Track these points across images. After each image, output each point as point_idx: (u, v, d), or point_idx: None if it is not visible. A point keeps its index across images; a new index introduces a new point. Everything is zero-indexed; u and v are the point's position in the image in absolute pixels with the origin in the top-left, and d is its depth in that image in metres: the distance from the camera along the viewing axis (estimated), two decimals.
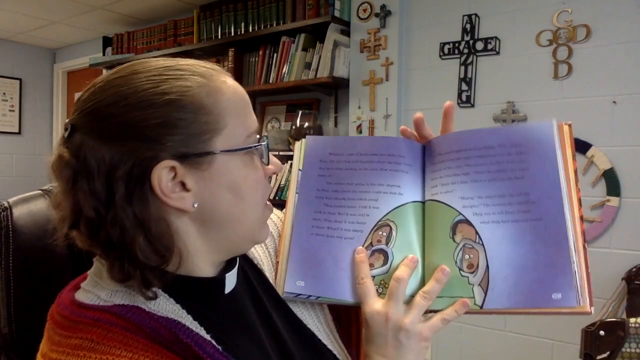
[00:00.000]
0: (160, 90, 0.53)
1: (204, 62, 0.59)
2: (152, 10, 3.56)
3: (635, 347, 1.45)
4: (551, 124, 0.63)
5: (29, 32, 4.13)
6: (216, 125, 0.55)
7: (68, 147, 0.54)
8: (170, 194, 0.53)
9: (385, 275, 0.65)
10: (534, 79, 2.24)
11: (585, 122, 2.11)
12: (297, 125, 2.73)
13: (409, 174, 0.68)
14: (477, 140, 0.65)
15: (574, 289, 0.58)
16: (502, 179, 0.63)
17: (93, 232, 0.53)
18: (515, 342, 2.23)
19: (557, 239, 0.60)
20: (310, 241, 0.67)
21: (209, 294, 0.60)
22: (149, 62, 0.57)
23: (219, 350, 0.53)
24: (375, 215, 0.67)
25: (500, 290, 0.60)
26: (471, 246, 0.63)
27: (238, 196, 0.58)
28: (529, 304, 0.59)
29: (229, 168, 0.56)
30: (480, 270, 0.62)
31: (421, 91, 2.55)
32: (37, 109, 4.61)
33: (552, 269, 0.59)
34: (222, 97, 0.56)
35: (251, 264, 0.70)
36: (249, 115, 0.60)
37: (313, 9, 2.75)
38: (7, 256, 0.66)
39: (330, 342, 0.68)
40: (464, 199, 0.64)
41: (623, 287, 1.96)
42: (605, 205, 2.07)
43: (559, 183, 0.61)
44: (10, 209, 0.69)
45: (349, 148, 0.69)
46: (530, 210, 0.61)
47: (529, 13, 2.25)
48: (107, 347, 0.50)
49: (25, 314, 0.67)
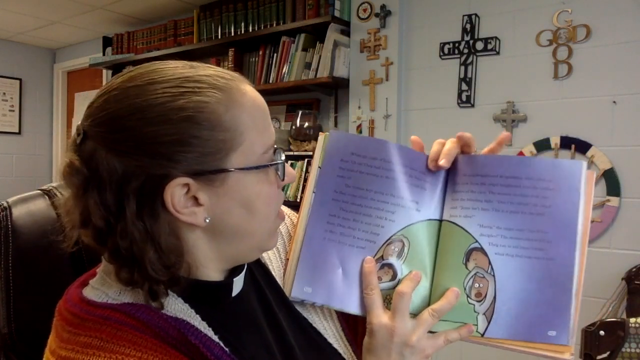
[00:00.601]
0: (177, 105, 0.51)
1: (223, 72, 0.57)
2: (152, 10, 3.56)
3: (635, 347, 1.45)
4: (581, 165, 0.64)
5: (29, 32, 4.13)
6: (233, 143, 0.54)
7: (79, 154, 0.52)
8: (182, 210, 0.53)
9: (392, 291, 0.65)
10: (534, 79, 2.24)
11: (585, 122, 2.11)
12: (297, 125, 2.73)
13: (428, 190, 0.68)
14: (505, 168, 0.65)
15: (568, 330, 0.61)
16: (524, 213, 0.64)
17: (101, 240, 0.52)
18: None
19: (563, 280, 0.62)
20: (321, 246, 0.66)
21: (216, 297, 0.60)
22: (167, 70, 0.54)
23: (227, 352, 0.53)
24: (389, 228, 0.66)
25: (503, 322, 0.63)
26: (482, 276, 0.64)
27: (250, 212, 0.57)
28: (527, 337, 0.62)
29: (243, 185, 0.55)
30: (487, 300, 0.63)
31: (421, 91, 2.55)
32: (37, 109, 4.61)
33: (553, 309, 0.62)
34: (242, 112, 0.55)
35: (259, 263, 0.70)
36: (267, 129, 0.58)
37: (313, 9, 2.75)
38: (7, 256, 0.66)
39: (336, 341, 0.68)
40: (482, 227, 0.64)
41: (623, 287, 1.96)
42: (605, 205, 2.07)
43: (576, 227, 0.63)
44: (9, 208, 0.69)
45: (373, 151, 0.67)
46: (544, 249, 0.63)
47: (529, 13, 2.25)
48: (116, 345, 0.50)
49: (25, 314, 0.67)
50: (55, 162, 4.66)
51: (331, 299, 0.66)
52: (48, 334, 0.55)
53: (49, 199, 0.72)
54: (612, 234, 2.07)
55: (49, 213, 0.71)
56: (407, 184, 0.67)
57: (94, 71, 4.20)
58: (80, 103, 4.50)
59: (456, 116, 2.43)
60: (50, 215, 0.70)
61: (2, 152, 4.39)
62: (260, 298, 0.65)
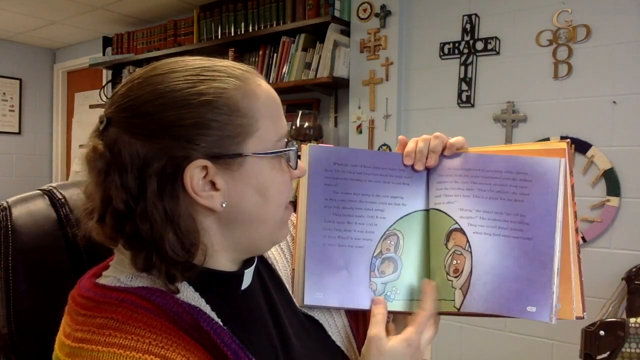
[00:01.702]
0: (197, 90, 0.54)
1: (239, 64, 0.60)
2: (152, 10, 3.56)
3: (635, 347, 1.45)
4: (559, 161, 0.66)
5: (29, 32, 4.13)
6: (249, 128, 0.56)
7: (102, 139, 0.55)
8: (201, 192, 0.55)
9: (396, 282, 0.70)
10: (534, 79, 2.24)
11: (585, 122, 2.11)
12: (297, 125, 2.73)
13: (410, 185, 0.72)
14: (487, 163, 0.69)
15: (549, 307, 0.62)
16: (502, 199, 0.67)
17: (119, 224, 0.54)
18: (515, 342, 2.23)
19: (543, 259, 0.64)
20: (324, 252, 0.70)
21: (227, 287, 0.61)
22: (186, 61, 0.58)
23: (235, 341, 0.54)
24: (382, 225, 0.71)
25: (477, 295, 0.65)
26: (460, 252, 0.67)
27: (264, 197, 0.59)
28: (503, 311, 0.64)
29: (258, 170, 0.58)
30: (463, 275, 0.66)
31: (421, 91, 2.55)
32: (37, 109, 4.60)
33: (532, 285, 0.63)
34: (257, 101, 0.58)
35: (265, 264, 0.72)
36: (280, 119, 0.61)
37: (313, 9, 2.75)
38: (7, 256, 0.66)
39: (339, 338, 0.70)
40: (462, 210, 0.69)
41: (623, 287, 1.96)
42: (605, 205, 2.07)
43: (555, 213, 0.65)
44: (9, 208, 0.69)
45: (352, 159, 0.72)
46: (522, 230, 0.65)
47: (529, 13, 2.25)
48: (132, 327, 0.51)
49: (25, 314, 0.66)
50: (56, 162, 4.66)
51: (342, 300, 0.69)
52: (48, 334, 0.55)
53: (49, 199, 0.72)
54: (612, 234, 2.07)
55: (49, 213, 0.71)
56: (388, 183, 0.71)
57: (94, 71, 4.19)
58: (80, 103, 4.50)
59: (456, 116, 2.43)
60: (50, 215, 0.71)
61: (2, 152, 4.39)
62: (266, 296, 0.66)
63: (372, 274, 0.70)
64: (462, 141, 0.71)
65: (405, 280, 0.70)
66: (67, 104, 4.67)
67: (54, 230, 0.70)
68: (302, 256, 0.70)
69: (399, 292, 0.69)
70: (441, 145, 0.71)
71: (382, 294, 0.69)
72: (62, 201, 0.72)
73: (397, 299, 0.69)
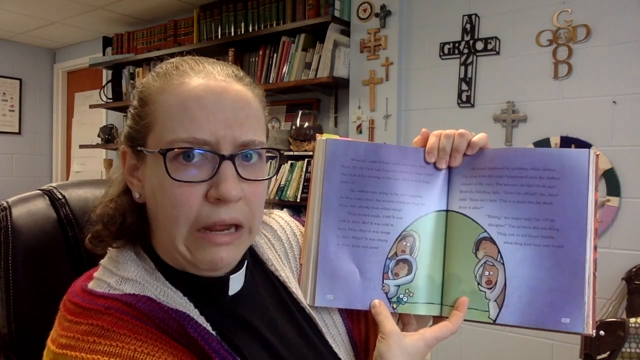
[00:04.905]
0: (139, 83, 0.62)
1: (187, 59, 0.61)
2: (152, 10, 3.56)
3: (635, 347, 1.45)
4: (588, 153, 0.64)
5: (29, 32, 4.13)
6: (150, 124, 0.57)
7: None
8: (128, 176, 0.60)
9: (409, 284, 0.68)
10: (534, 79, 2.24)
11: (585, 122, 2.11)
12: (297, 125, 2.73)
13: (430, 183, 0.69)
14: (511, 160, 0.67)
15: (582, 317, 0.61)
16: (531, 202, 0.65)
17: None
18: (515, 342, 2.23)
19: (574, 267, 0.63)
20: (337, 252, 0.68)
21: (211, 294, 0.60)
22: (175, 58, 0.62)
23: (224, 347, 0.54)
24: (399, 226, 0.68)
25: (514, 308, 0.64)
26: (492, 264, 0.66)
27: (158, 205, 0.56)
28: (538, 324, 0.63)
29: (155, 170, 0.56)
30: (498, 287, 0.65)
31: (421, 91, 2.55)
32: (37, 109, 4.60)
33: (565, 295, 0.62)
34: (169, 97, 0.56)
35: (260, 264, 0.70)
36: (195, 122, 0.54)
37: (313, 9, 2.75)
38: (7, 256, 0.66)
39: (335, 343, 0.67)
40: (490, 217, 0.67)
41: (623, 287, 1.96)
42: (605, 205, 2.07)
43: (585, 215, 0.63)
44: (9, 208, 0.69)
45: (372, 155, 0.69)
46: (553, 237, 0.64)
47: (529, 13, 2.25)
48: (117, 334, 0.50)
49: (25, 314, 0.67)
50: (56, 162, 4.66)
51: (352, 302, 0.68)
52: (48, 334, 0.55)
53: (48, 199, 0.72)
54: (612, 234, 2.07)
55: (49, 213, 0.71)
56: (407, 181, 0.69)
57: (94, 71, 4.19)
58: (80, 103, 4.49)
59: (456, 116, 2.43)
60: (50, 215, 0.70)
61: (2, 152, 4.39)
62: (260, 300, 0.65)
63: (385, 275, 0.68)
64: (485, 139, 0.68)
65: (420, 283, 0.68)
66: (67, 104, 4.67)
67: (54, 230, 0.70)
68: (314, 255, 0.68)
69: (413, 294, 0.68)
70: (465, 143, 0.68)
71: (394, 296, 0.68)
72: (62, 201, 0.72)
73: (409, 301, 0.67)
